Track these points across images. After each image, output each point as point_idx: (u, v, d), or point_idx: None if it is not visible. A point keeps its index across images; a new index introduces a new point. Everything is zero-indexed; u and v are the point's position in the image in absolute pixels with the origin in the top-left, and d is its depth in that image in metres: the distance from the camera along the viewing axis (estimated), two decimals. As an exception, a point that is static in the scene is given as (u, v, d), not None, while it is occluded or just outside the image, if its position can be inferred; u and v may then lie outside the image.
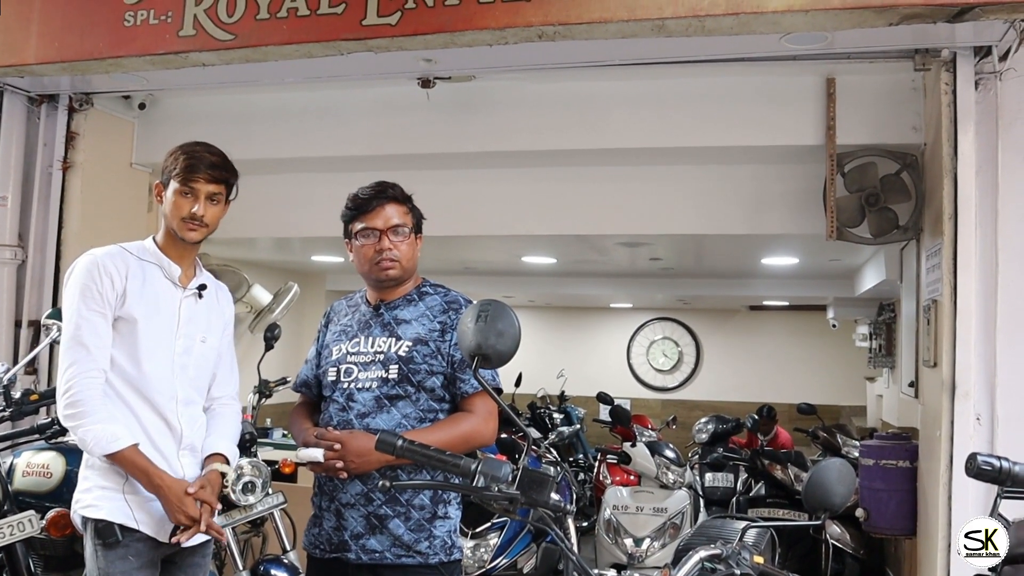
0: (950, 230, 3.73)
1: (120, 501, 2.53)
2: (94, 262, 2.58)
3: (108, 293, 2.55)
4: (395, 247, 2.68)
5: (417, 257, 2.77)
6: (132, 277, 2.59)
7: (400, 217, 2.71)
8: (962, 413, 3.67)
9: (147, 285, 2.62)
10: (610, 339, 12.86)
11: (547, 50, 3.80)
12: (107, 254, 2.61)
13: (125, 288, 2.57)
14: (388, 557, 2.55)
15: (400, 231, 2.70)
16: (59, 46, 4.02)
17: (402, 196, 2.75)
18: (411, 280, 2.77)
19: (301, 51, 3.74)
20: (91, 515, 2.53)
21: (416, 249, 2.76)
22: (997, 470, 1.94)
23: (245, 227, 5.72)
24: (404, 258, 2.70)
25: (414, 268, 2.76)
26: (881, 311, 7.81)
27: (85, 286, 2.54)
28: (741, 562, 1.88)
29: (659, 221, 5.13)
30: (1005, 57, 3.71)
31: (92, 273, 2.55)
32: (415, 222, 2.75)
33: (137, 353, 2.58)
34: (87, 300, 2.53)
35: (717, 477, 6.48)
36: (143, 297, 2.60)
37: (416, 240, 2.76)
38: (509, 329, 1.98)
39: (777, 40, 3.70)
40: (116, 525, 2.52)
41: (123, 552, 2.52)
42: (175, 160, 2.68)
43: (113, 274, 2.56)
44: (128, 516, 2.53)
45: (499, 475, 1.83)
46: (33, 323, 4.71)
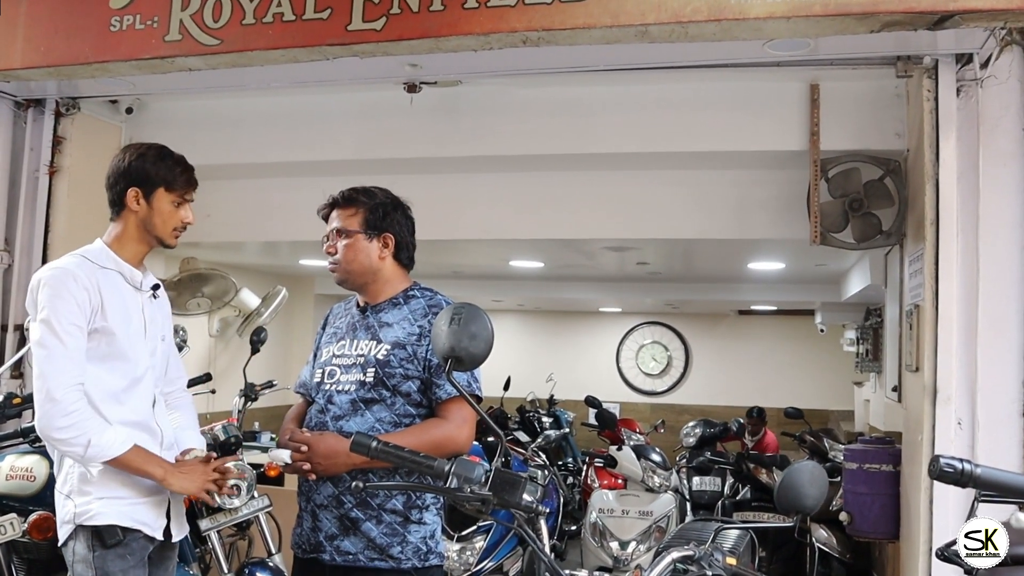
0: (932, 235, 3.75)
1: (122, 505, 2.57)
2: (68, 274, 2.54)
3: (85, 307, 2.53)
4: (334, 250, 2.71)
5: (375, 257, 2.73)
6: (103, 289, 2.58)
7: (341, 221, 2.71)
8: (943, 417, 3.69)
9: (115, 295, 2.61)
10: (599, 343, 12.87)
11: (532, 55, 3.82)
12: (77, 266, 2.57)
13: (101, 301, 2.56)
14: (361, 560, 2.56)
15: (340, 234, 2.70)
16: (45, 51, 4.02)
17: (348, 199, 2.73)
18: (391, 282, 2.76)
19: (287, 56, 3.75)
20: (97, 523, 2.54)
21: (368, 250, 2.72)
22: (959, 472, 1.95)
23: (232, 231, 5.73)
24: (344, 260, 2.70)
25: (366, 269, 2.73)
26: (868, 316, 7.84)
27: (62, 298, 2.51)
28: (713, 563, 1.90)
29: (644, 225, 5.15)
30: (986, 64, 3.73)
31: (68, 285, 2.52)
32: (366, 222, 2.71)
33: (120, 366, 2.60)
34: (67, 312, 2.50)
35: (704, 481, 6.50)
36: (115, 308, 2.59)
37: (370, 240, 2.71)
38: (482, 332, 1.99)
39: (760, 46, 3.72)
40: (119, 527, 2.55)
41: (121, 551, 2.55)
42: (169, 170, 2.68)
43: (88, 288, 2.54)
44: (130, 518, 2.57)
45: (472, 476, 1.85)
46: (19, 327, 4.70)
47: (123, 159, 2.69)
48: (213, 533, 3.56)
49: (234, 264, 7.73)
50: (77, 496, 2.58)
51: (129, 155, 2.69)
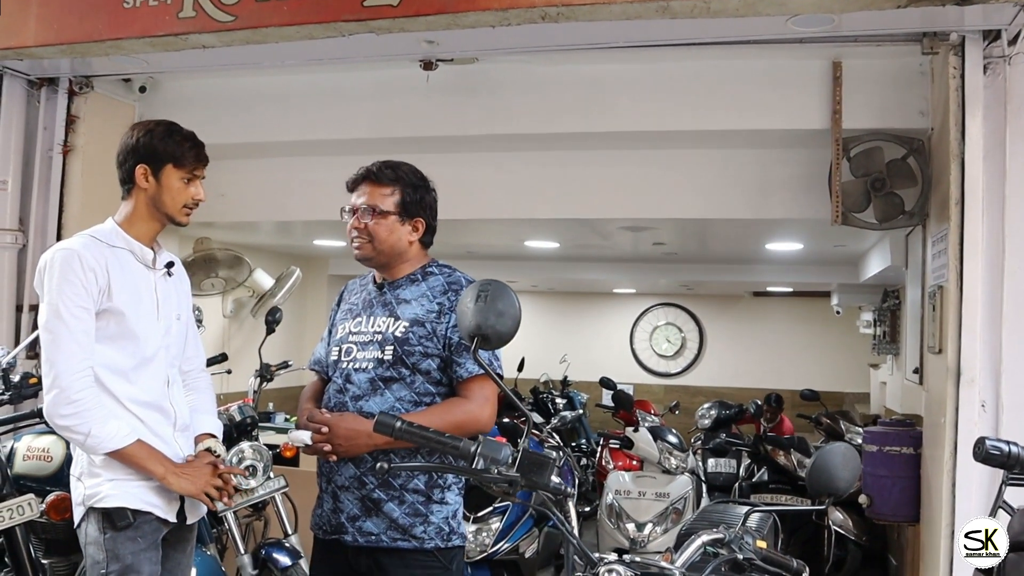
0: (957, 216, 3.70)
1: (133, 486, 2.55)
2: (74, 255, 2.50)
3: (92, 288, 2.50)
4: (364, 227, 2.65)
5: (405, 240, 2.69)
6: (112, 268, 2.55)
7: (374, 198, 2.66)
8: (967, 400, 3.64)
9: (125, 274, 2.58)
10: (613, 325, 12.83)
11: (550, 32, 3.77)
12: (84, 247, 2.54)
13: (108, 281, 2.53)
14: (384, 540, 2.54)
15: (370, 211, 2.64)
16: (58, 28, 3.99)
17: (383, 175, 2.67)
18: (411, 261, 2.72)
19: (302, 32, 3.71)
20: (106, 505, 2.52)
21: (400, 232, 2.67)
22: (1006, 455, 1.92)
23: (246, 211, 5.71)
24: (377, 239, 2.65)
25: (397, 251, 2.69)
26: (886, 297, 7.77)
27: (68, 280, 2.48)
28: (744, 547, 1.86)
29: (663, 205, 5.10)
30: (1014, 41, 3.67)
31: (74, 267, 2.49)
32: (403, 204, 2.67)
33: (129, 346, 2.57)
34: (73, 295, 2.47)
35: (720, 463, 6.49)
36: (124, 288, 2.56)
37: (403, 223, 2.68)
38: (509, 309, 1.94)
39: (784, 22, 3.66)
40: (128, 509, 2.53)
41: (132, 534, 2.53)
42: (177, 145, 2.64)
43: (95, 268, 2.51)
44: (140, 500, 2.55)
45: (499, 457, 1.81)
46: (34, 307, 4.69)
47: (131, 136, 2.66)
48: (230, 514, 3.56)
49: (248, 244, 7.71)
50: (87, 478, 2.57)
51: (137, 132, 2.66)
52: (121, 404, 2.55)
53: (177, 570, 2.75)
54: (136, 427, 2.54)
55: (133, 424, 2.54)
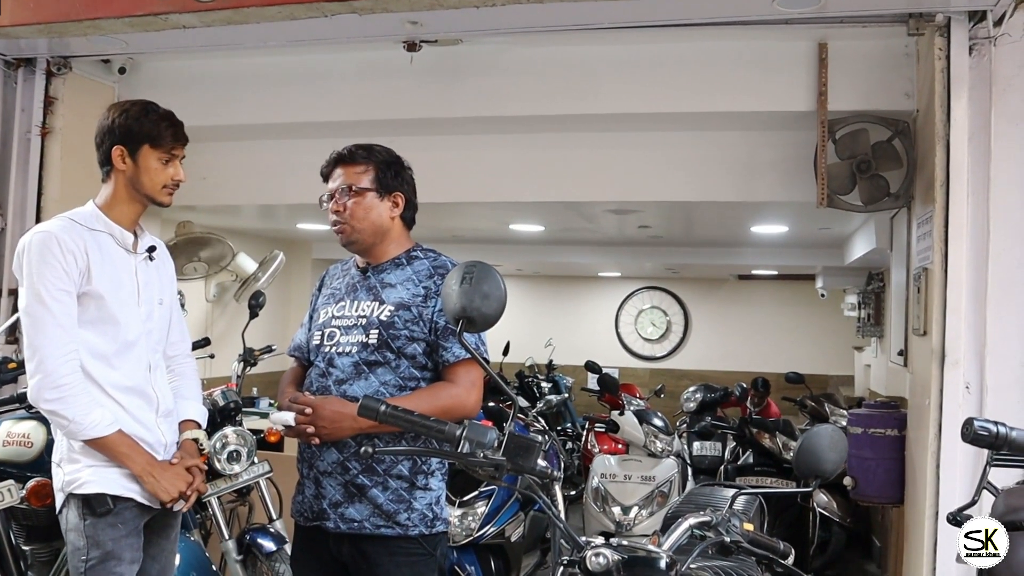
0: (942, 197, 3.70)
1: (112, 472, 2.52)
2: (52, 238, 2.47)
3: (72, 270, 2.47)
4: (343, 208, 2.62)
5: (387, 217, 2.67)
6: (91, 251, 2.52)
7: (348, 178, 2.63)
8: (951, 382, 3.66)
9: (105, 257, 2.55)
10: (598, 308, 12.84)
11: (535, 12, 3.73)
12: (62, 229, 2.50)
13: (88, 264, 2.50)
14: (367, 527, 2.52)
15: (347, 190, 2.62)
16: (35, 7, 3.93)
17: (356, 156, 2.65)
18: (396, 242, 2.70)
19: (283, 12, 3.66)
20: (85, 491, 2.50)
21: (380, 208, 2.65)
22: (994, 435, 1.91)
23: (229, 194, 5.66)
24: (355, 218, 2.63)
25: (376, 228, 2.66)
26: (870, 280, 7.80)
27: (48, 264, 2.45)
28: (731, 529, 1.86)
29: (648, 188, 5.07)
30: (1000, 22, 3.66)
31: (53, 250, 2.46)
32: (379, 180, 2.65)
33: (110, 330, 2.54)
34: (54, 278, 2.44)
35: (705, 446, 6.51)
36: (104, 271, 2.53)
37: (382, 199, 2.65)
38: (495, 291, 1.92)
39: (769, 3, 3.64)
40: (108, 496, 2.51)
41: (113, 520, 2.52)
42: (153, 125, 2.61)
43: (75, 251, 2.48)
44: (120, 486, 2.53)
45: (485, 441, 1.80)
46: (13, 291, 4.64)
47: (108, 117, 2.63)
48: (213, 499, 3.54)
49: (231, 228, 7.65)
50: (67, 464, 2.55)
51: (113, 113, 2.63)
52: (103, 390, 2.52)
53: (161, 556, 2.74)
54: (119, 416, 2.52)
55: (116, 413, 2.52)
